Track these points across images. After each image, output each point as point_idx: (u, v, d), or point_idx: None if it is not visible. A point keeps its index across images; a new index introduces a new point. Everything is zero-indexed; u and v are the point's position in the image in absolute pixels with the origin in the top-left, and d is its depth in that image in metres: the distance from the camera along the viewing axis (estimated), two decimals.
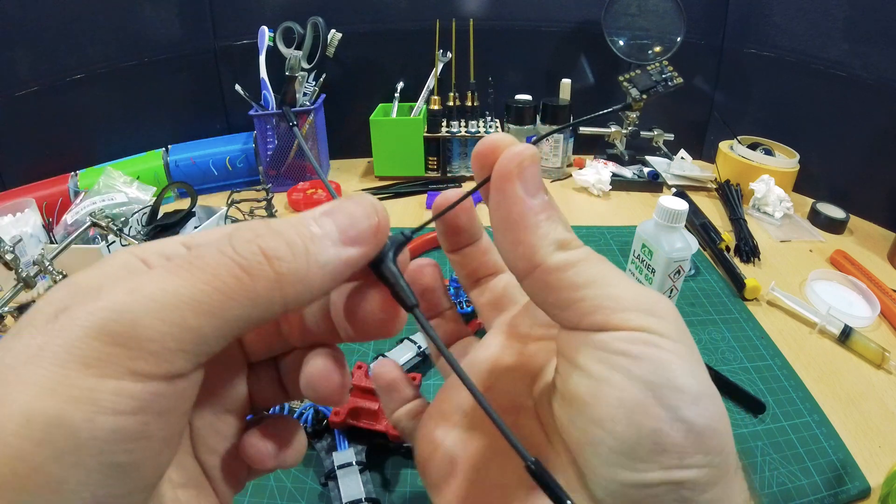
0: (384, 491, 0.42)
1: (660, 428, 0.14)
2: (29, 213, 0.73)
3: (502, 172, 0.17)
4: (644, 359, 0.14)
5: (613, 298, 0.15)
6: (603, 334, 0.15)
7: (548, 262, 0.16)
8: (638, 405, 0.14)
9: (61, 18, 0.85)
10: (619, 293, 0.15)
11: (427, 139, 0.94)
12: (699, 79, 1.03)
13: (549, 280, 0.16)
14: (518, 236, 0.16)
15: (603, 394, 0.15)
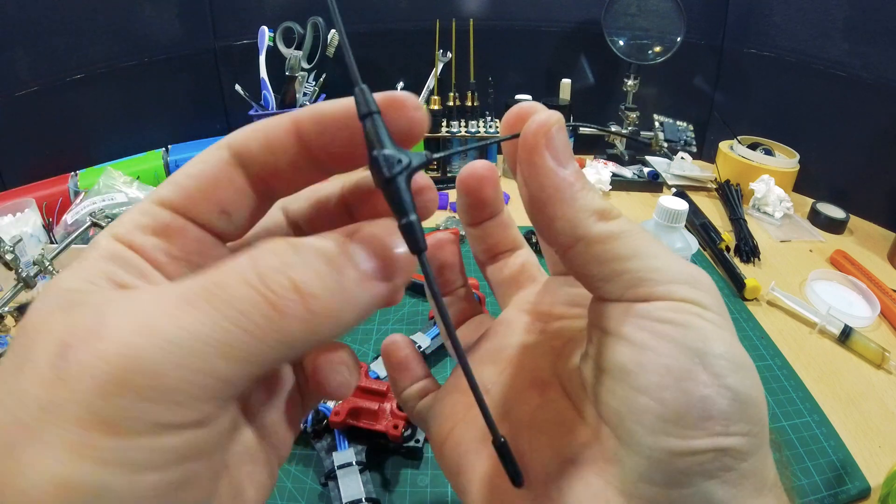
0: (384, 491, 0.42)
1: (708, 395, 0.14)
2: (29, 213, 0.73)
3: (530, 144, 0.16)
4: (690, 327, 0.14)
5: (658, 270, 0.15)
6: (648, 304, 0.15)
7: (591, 233, 0.15)
8: (686, 371, 0.14)
9: (61, 19, 0.85)
10: (663, 265, 0.15)
11: (427, 139, 0.94)
12: (699, 79, 1.03)
13: (594, 252, 0.16)
14: (556, 210, 0.16)
15: (649, 361, 0.15)
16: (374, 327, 0.59)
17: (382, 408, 0.43)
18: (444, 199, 0.88)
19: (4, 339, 0.59)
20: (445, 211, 0.86)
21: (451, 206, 0.87)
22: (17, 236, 0.66)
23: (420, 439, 0.43)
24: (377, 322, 0.60)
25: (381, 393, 0.44)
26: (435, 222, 0.80)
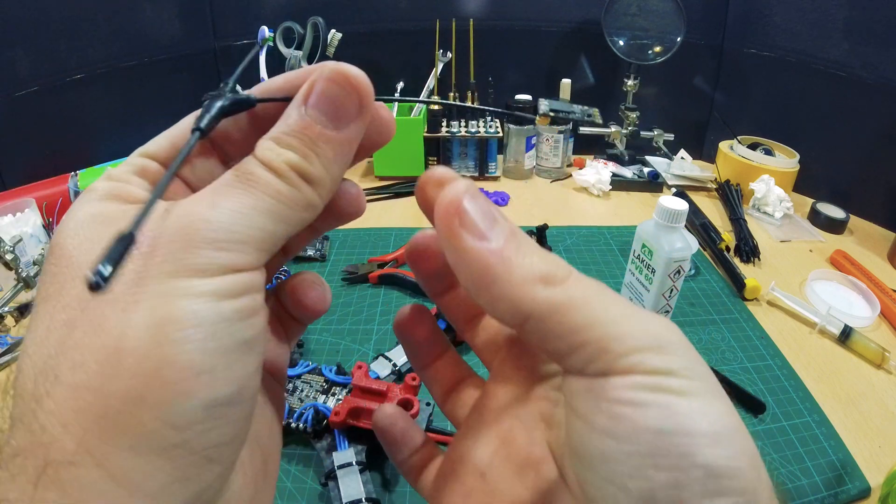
0: (384, 491, 0.42)
1: (675, 478, 0.13)
2: (29, 213, 0.73)
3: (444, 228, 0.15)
4: (652, 406, 0.13)
5: (618, 339, 0.14)
6: (608, 380, 0.14)
7: (538, 308, 0.14)
8: (649, 457, 0.13)
9: (61, 18, 0.85)
10: (624, 331, 0.14)
11: (427, 139, 0.94)
12: (699, 79, 1.03)
13: (546, 328, 0.14)
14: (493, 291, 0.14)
15: (611, 449, 0.13)
16: (373, 327, 0.59)
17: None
18: None
19: (4, 339, 0.59)
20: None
21: None
22: (17, 236, 0.66)
23: None
24: (377, 322, 0.60)
25: (381, 393, 0.44)
26: None
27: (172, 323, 0.12)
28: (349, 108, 0.16)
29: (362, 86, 0.16)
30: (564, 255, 0.72)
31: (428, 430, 0.45)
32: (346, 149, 0.16)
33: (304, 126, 0.15)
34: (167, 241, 0.13)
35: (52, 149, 0.90)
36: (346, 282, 0.67)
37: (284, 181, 0.15)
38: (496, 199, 0.89)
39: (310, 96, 0.15)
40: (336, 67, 0.16)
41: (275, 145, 0.15)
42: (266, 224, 0.14)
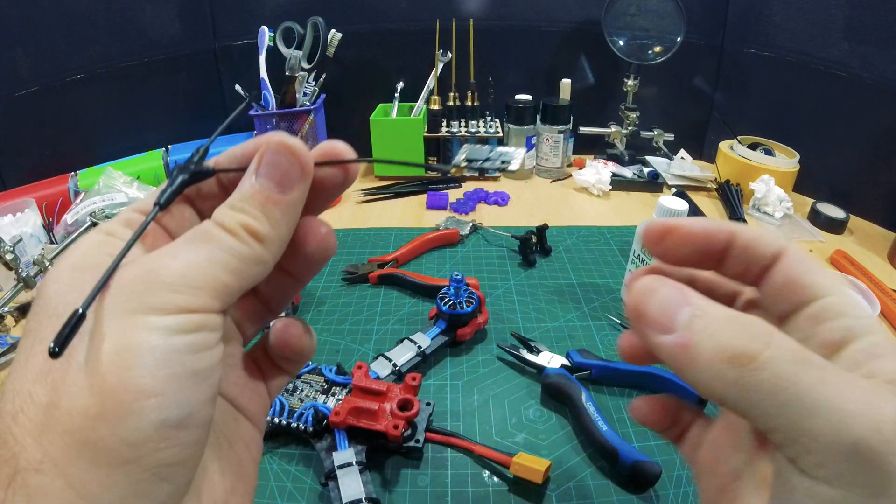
0: (384, 491, 0.42)
1: None
2: (29, 213, 0.73)
3: (635, 326, 0.17)
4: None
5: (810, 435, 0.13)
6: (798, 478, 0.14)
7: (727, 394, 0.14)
8: None
9: (61, 18, 0.85)
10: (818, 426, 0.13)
11: (427, 139, 0.94)
12: (699, 79, 1.03)
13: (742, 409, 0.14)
14: (688, 378, 0.15)
15: None
16: (373, 327, 0.59)
17: (382, 408, 0.43)
18: (445, 199, 0.88)
19: (4, 339, 0.59)
20: (445, 211, 0.86)
21: (450, 206, 0.87)
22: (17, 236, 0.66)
23: (420, 439, 0.43)
24: (377, 322, 0.60)
25: (381, 393, 0.44)
26: (434, 222, 0.80)
27: (129, 350, 0.14)
28: (292, 174, 0.18)
29: (302, 155, 0.18)
30: (564, 255, 0.73)
31: (428, 430, 0.45)
32: (292, 209, 0.18)
33: (255, 192, 0.17)
34: (131, 283, 0.15)
35: (52, 149, 0.90)
36: (346, 282, 0.67)
37: (236, 238, 0.17)
38: (496, 199, 0.89)
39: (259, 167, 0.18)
40: (280, 140, 0.18)
41: (230, 210, 0.17)
42: (218, 274, 0.16)
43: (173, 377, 0.14)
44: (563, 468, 0.43)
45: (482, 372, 0.53)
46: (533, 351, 0.53)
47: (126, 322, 0.14)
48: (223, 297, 0.16)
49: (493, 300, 0.63)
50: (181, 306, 0.15)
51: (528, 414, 0.48)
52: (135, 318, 0.14)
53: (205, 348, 0.15)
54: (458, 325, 0.55)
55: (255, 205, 0.17)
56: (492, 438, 0.46)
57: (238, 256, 0.17)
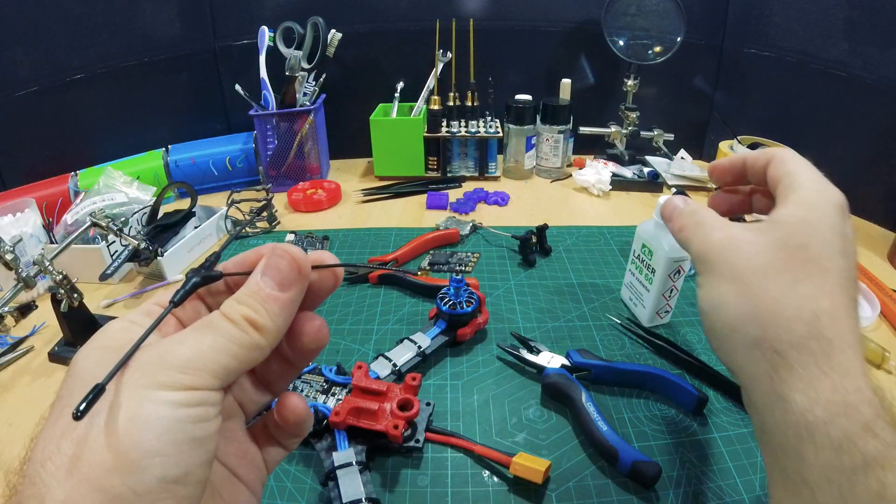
0: (384, 491, 0.42)
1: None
2: (29, 213, 0.73)
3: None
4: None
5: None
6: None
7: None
8: None
9: (61, 18, 0.85)
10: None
11: (427, 139, 0.94)
12: (699, 79, 1.03)
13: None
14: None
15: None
16: (374, 327, 0.59)
17: (382, 408, 0.43)
18: (445, 199, 0.88)
19: (4, 339, 0.59)
20: (445, 211, 0.86)
21: (450, 206, 0.87)
22: (17, 236, 0.66)
23: (420, 439, 0.43)
24: (377, 322, 0.60)
25: (381, 393, 0.44)
26: (435, 222, 0.80)
27: (140, 418, 0.17)
28: (291, 276, 0.22)
29: (300, 260, 0.22)
30: (564, 255, 0.73)
31: (428, 430, 0.45)
32: (289, 305, 0.22)
33: (258, 290, 0.21)
34: (145, 363, 0.18)
35: (52, 149, 0.90)
36: (346, 282, 0.67)
37: (237, 327, 0.20)
38: (496, 199, 0.89)
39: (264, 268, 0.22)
40: (284, 248, 0.22)
41: (236, 303, 0.21)
42: (220, 358, 0.19)
43: (175, 442, 0.17)
44: (563, 468, 0.43)
45: (482, 372, 0.53)
46: (533, 351, 0.53)
47: (139, 395, 0.18)
48: (223, 377, 0.19)
49: (493, 300, 0.63)
50: (186, 384, 0.18)
51: (528, 414, 0.48)
52: (147, 392, 0.18)
53: (204, 420, 0.18)
54: (458, 325, 0.55)
55: (257, 300, 0.21)
56: (492, 438, 0.46)
57: (238, 343, 0.20)
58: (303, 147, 0.93)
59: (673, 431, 0.46)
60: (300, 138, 0.92)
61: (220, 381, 0.19)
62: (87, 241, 0.70)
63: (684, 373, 0.52)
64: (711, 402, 0.48)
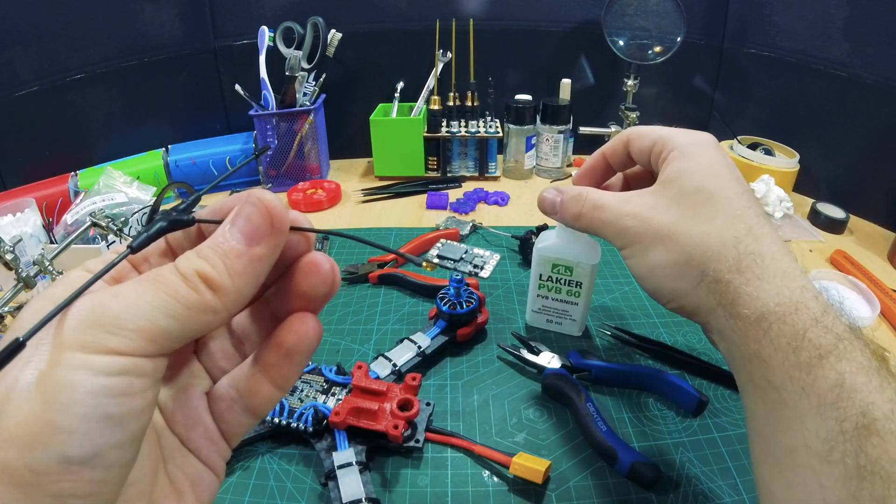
0: (384, 491, 0.42)
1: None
2: (29, 213, 0.73)
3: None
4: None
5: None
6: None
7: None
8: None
9: (61, 18, 0.85)
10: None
11: (427, 139, 0.94)
12: (699, 79, 1.03)
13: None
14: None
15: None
16: (373, 327, 0.59)
17: (382, 408, 0.43)
18: (445, 199, 0.88)
19: None
20: (445, 211, 0.86)
21: (450, 206, 0.87)
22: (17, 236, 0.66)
23: (420, 439, 0.43)
24: (377, 322, 0.60)
25: (380, 393, 0.44)
26: (435, 222, 0.80)
27: (47, 384, 0.15)
28: (262, 228, 0.18)
29: (275, 211, 0.18)
30: None
31: (428, 430, 0.45)
32: (256, 265, 0.18)
33: (222, 241, 0.18)
34: (70, 319, 0.16)
35: (52, 149, 0.90)
36: (346, 282, 0.67)
37: (186, 283, 0.17)
38: (496, 199, 0.89)
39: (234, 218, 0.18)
40: (259, 196, 0.18)
41: (194, 255, 0.18)
42: (157, 318, 0.16)
43: (84, 417, 0.15)
44: (563, 468, 0.43)
45: (482, 372, 0.53)
46: (533, 351, 0.53)
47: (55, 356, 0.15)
48: (160, 342, 0.16)
49: (493, 300, 0.63)
50: (109, 347, 0.15)
51: (528, 414, 0.48)
52: (63, 353, 0.15)
53: (126, 394, 0.15)
54: (458, 325, 0.55)
55: (218, 253, 0.18)
56: (492, 438, 0.46)
57: (183, 302, 0.16)
58: (303, 147, 0.93)
59: (673, 432, 0.46)
60: (300, 138, 0.92)
61: (156, 346, 0.16)
62: (87, 241, 0.70)
63: (684, 373, 0.52)
64: (711, 403, 0.48)
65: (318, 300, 0.21)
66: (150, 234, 0.18)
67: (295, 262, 0.21)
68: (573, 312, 0.56)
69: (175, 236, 0.20)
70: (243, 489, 0.42)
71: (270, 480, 0.42)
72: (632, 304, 0.63)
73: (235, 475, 0.43)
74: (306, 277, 0.21)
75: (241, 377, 0.22)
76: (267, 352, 0.21)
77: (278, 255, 0.19)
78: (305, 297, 0.21)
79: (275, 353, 0.21)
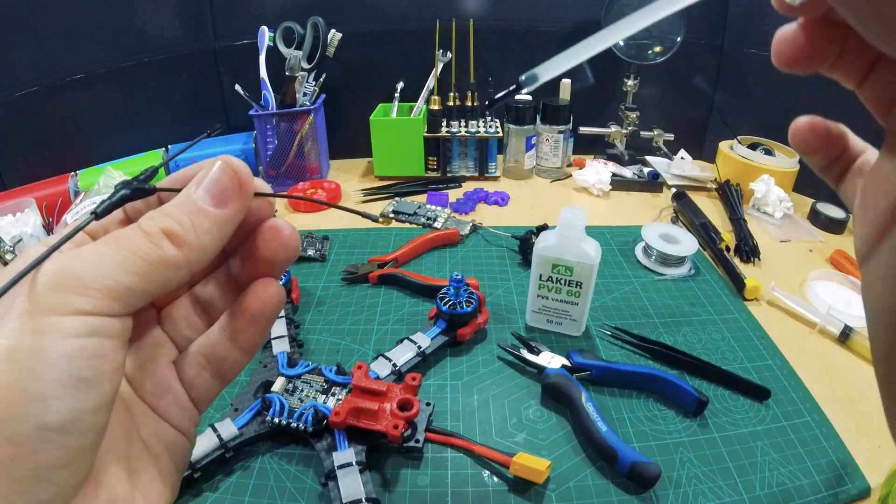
0: (384, 491, 0.42)
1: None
2: (29, 213, 0.73)
3: None
4: None
5: None
6: None
7: None
8: None
9: (61, 18, 0.85)
10: None
11: (427, 139, 0.94)
12: (699, 79, 1.03)
13: None
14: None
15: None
16: (373, 327, 0.59)
17: (382, 408, 0.43)
18: (444, 198, 0.88)
19: None
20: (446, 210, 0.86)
21: (450, 206, 0.87)
22: (17, 236, 0.66)
23: (420, 439, 0.43)
24: (377, 322, 0.60)
25: (380, 393, 0.44)
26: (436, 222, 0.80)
27: (17, 351, 0.14)
28: (230, 190, 0.19)
29: (242, 174, 0.19)
30: None
31: (428, 430, 0.45)
32: (223, 224, 0.19)
33: (188, 201, 0.18)
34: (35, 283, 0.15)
35: (52, 149, 0.90)
36: (346, 282, 0.67)
37: (149, 241, 0.17)
38: (496, 199, 0.89)
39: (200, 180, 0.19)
40: (225, 158, 0.19)
41: (157, 214, 0.18)
42: (121, 276, 0.16)
43: (59, 382, 0.14)
44: (563, 468, 0.43)
45: (482, 372, 0.53)
46: (533, 351, 0.53)
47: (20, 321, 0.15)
48: (125, 299, 0.16)
49: (493, 300, 0.63)
50: (76, 308, 0.15)
51: (528, 414, 0.48)
52: (31, 318, 0.15)
53: (97, 355, 0.15)
54: (458, 325, 0.55)
55: (184, 211, 0.18)
56: (492, 438, 0.46)
57: (146, 258, 0.16)
58: (303, 147, 0.93)
59: (673, 432, 0.46)
60: (300, 138, 0.92)
61: (121, 304, 0.16)
62: None
63: (684, 373, 0.52)
64: (711, 403, 0.48)
65: (279, 265, 0.21)
66: (112, 202, 0.18)
67: (256, 227, 0.21)
68: (573, 312, 0.56)
69: (135, 206, 0.20)
70: (243, 489, 0.42)
71: (270, 480, 0.42)
72: (632, 304, 0.63)
73: (235, 475, 0.43)
74: (268, 243, 0.21)
75: (209, 344, 0.22)
76: (233, 319, 0.21)
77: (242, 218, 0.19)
78: (267, 262, 0.21)
79: (241, 319, 0.21)
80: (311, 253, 0.72)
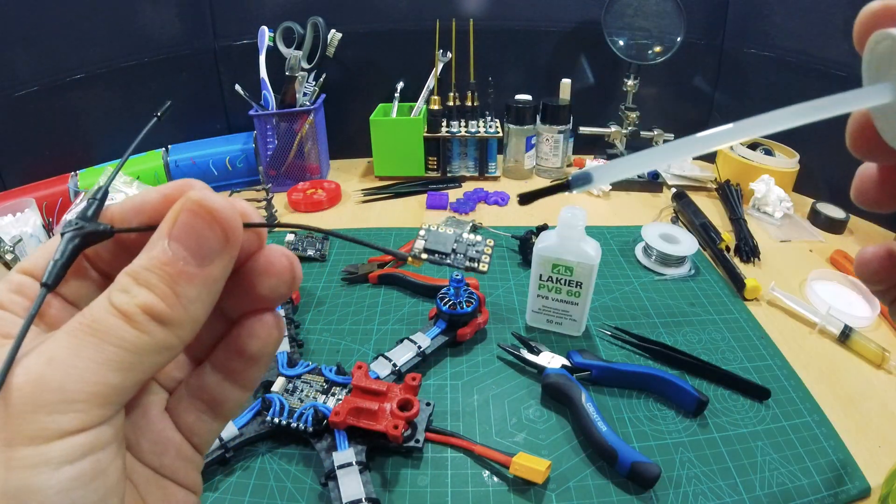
0: (384, 491, 0.42)
1: None
2: (29, 213, 0.73)
3: None
4: None
5: None
6: None
7: None
8: None
9: (61, 18, 0.85)
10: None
11: (427, 139, 0.94)
12: (699, 79, 1.03)
13: None
14: None
15: None
16: (373, 327, 0.59)
17: (382, 408, 0.43)
18: (445, 199, 0.88)
19: None
20: (445, 211, 0.86)
21: (450, 206, 0.87)
22: (17, 236, 0.66)
23: (420, 439, 0.43)
24: (377, 322, 0.60)
25: (380, 393, 0.44)
26: (436, 221, 0.80)
27: (6, 498, 0.12)
28: (213, 243, 0.15)
29: (226, 219, 0.15)
30: None
31: (428, 430, 0.45)
32: (211, 286, 0.15)
33: (166, 262, 0.14)
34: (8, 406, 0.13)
35: (52, 149, 0.90)
36: (346, 282, 0.67)
37: (133, 326, 0.14)
38: (496, 199, 0.89)
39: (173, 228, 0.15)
40: (198, 199, 0.15)
41: (132, 283, 0.14)
42: (108, 377, 0.13)
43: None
44: (563, 468, 0.43)
45: (482, 372, 0.53)
46: (533, 351, 0.53)
47: (5, 459, 0.12)
48: (115, 400, 0.14)
49: (493, 300, 0.63)
50: (62, 429, 0.13)
51: (528, 414, 0.48)
52: (14, 453, 0.12)
53: (96, 476, 0.13)
54: (458, 325, 0.55)
55: (164, 279, 0.14)
56: (492, 438, 0.46)
57: (132, 349, 0.14)
58: (303, 147, 0.93)
59: (673, 432, 0.46)
60: (300, 138, 0.92)
61: (111, 407, 0.14)
62: None
63: (684, 373, 0.52)
64: (711, 403, 0.48)
65: (276, 300, 0.18)
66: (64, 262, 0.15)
67: (246, 261, 0.17)
68: (573, 312, 0.56)
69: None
70: (243, 489, 0.42)
71: (270, 480, 0.42)
72: (632, 304, 0.63)
73: (235, 475, 0.43)
74: (263, 279, 0.17)
75: (205, 386, 0.19)
76: (229, 359, 0.18)
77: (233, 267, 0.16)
78: (264, 299, 0.18)
79: (238, 360, 0.18)
80: (311, 253, 0.72)
